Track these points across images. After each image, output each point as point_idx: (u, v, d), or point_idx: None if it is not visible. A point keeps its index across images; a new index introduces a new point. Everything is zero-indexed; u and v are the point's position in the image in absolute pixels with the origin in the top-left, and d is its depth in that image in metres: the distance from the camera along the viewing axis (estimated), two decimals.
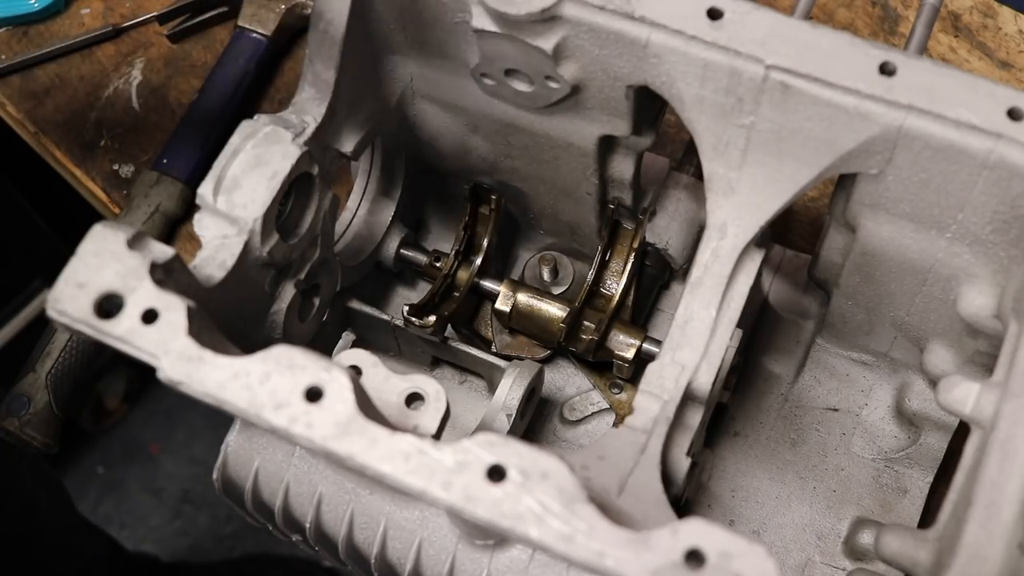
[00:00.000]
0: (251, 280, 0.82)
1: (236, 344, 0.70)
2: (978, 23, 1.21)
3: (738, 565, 0.55)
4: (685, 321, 0.77)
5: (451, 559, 0.80)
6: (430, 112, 0.92)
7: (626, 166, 0.89)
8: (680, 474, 0.77)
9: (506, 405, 0.88)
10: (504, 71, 0.79)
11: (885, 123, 0.69)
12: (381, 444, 0.61)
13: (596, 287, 0.98)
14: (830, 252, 0.89)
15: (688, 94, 0.74)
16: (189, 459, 2.05)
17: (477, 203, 0.99)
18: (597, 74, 0.77)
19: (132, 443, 2.01)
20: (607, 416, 1.01)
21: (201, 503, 1.99)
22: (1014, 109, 0.67)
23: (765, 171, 0.76)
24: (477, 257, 0.99)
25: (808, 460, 0.99)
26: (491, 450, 0.60)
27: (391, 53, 0.86)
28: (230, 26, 1.26)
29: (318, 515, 0.83)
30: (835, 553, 0.96)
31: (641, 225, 0.94)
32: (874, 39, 0.85)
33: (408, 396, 0.71)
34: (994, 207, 0.71)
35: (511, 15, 0.72)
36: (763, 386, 1.02)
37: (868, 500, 0.97)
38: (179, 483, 2.02)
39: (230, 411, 0.64)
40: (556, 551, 0.57)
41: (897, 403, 0.99)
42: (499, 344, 1.02)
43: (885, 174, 0.73)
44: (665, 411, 0.75)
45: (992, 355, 0.81)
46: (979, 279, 0.78)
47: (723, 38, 0.71)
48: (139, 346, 0.65)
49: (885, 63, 0.69)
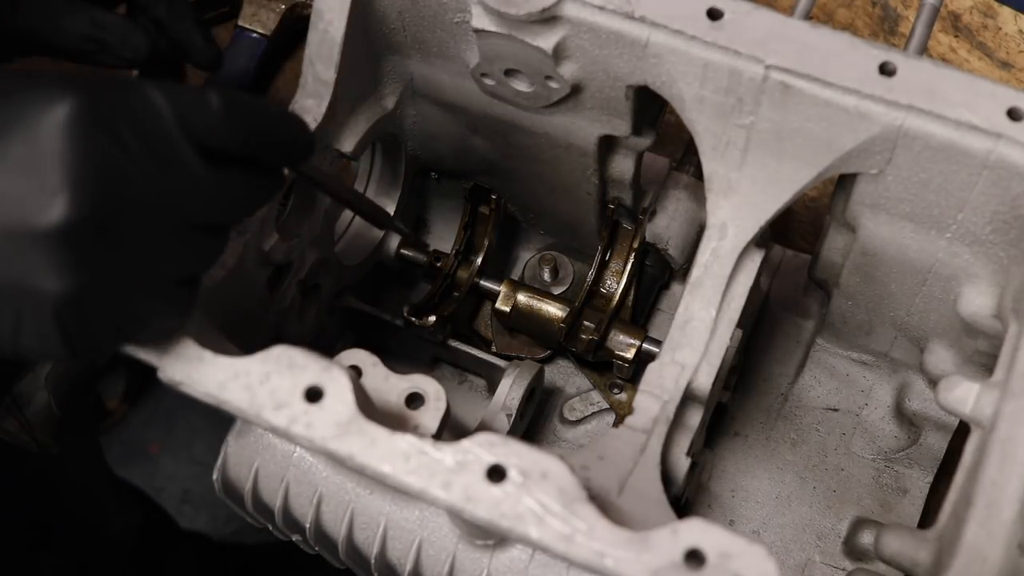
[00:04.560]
0: (251, 280, 0.82)
1: (236, 344, 0.70)
2: (978, 23, 1.21)
3: (738, 565, 0.55)
4: (685, 321, 0.77)
5: (451, 559, 0.80)
6: (430, 112, 0.92)
7: (626, 166, 0.89)
8: (680, 474, 0.77)
9: (506, 405, 0.88)
10: (504, 71, 0.79)
11: (885, 123, 0.69)
12: (381, 444, 0.61)
13: (596, 287, 0.98)
14: (830, 252, 0.89)
15: (688, 94, 0.74)
16: (189, 459, 2.05)
17: (477, 203, 0.99)
18: (597, 74, 0.77)
19: (132, 443, 2.00)
20: (607, 416, 1.01)
21: (201, 503, 1.99)
22: (1014, 109, 0.67)
23: (765, 171, 0.76)
24: (477, 257, 0.99)
25: (808, 460, 0.99)
26: (491, 450, 0.60)
27: (391, 53, 0.86)
28: (230, 26, 1.26)
29: (318, 515, 0.83)
30: (835, 553, 0.96)
31: (641, 225, 0.94)
32: (874, 39, 0.85)
33: (408, 396, 0.71)
34: (994, 207, 0.71)
35: (511, 15, 0.72)
36: (763, 386, 1.02)
37: (868, 500, 0.97)
38: (179, 483, 2.01)
39: (230, 411, 0.64)
40: (556, 551, 0.57)
41: (897, 403, 0.99)
42: (499, 344, 1.02)
43: (885, 174, 0.73)
44: (665, 411, 0.75)
45: (992, 355, 0.81)
46: (979, 279, 0.78)
47: (723, 38, 0.71)
48: (139, 346, 0.65)
49: (885, 63, 0.69)
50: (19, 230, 0.54)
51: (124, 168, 0.56)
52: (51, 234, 0.54)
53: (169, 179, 0.58)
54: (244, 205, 0.65)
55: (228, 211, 0.64)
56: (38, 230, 0.54)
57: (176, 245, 0.60)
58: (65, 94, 0.55)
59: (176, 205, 0.59)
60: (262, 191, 0.66)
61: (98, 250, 0.56)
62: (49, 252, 0.55)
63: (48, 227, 0.54)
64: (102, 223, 0.56)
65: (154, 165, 0.57)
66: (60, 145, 0.54)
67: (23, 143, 0.54)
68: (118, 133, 0.56)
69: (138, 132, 0.57)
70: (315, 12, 0.78)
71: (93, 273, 0.56)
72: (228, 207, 0.63)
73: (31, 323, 0.56)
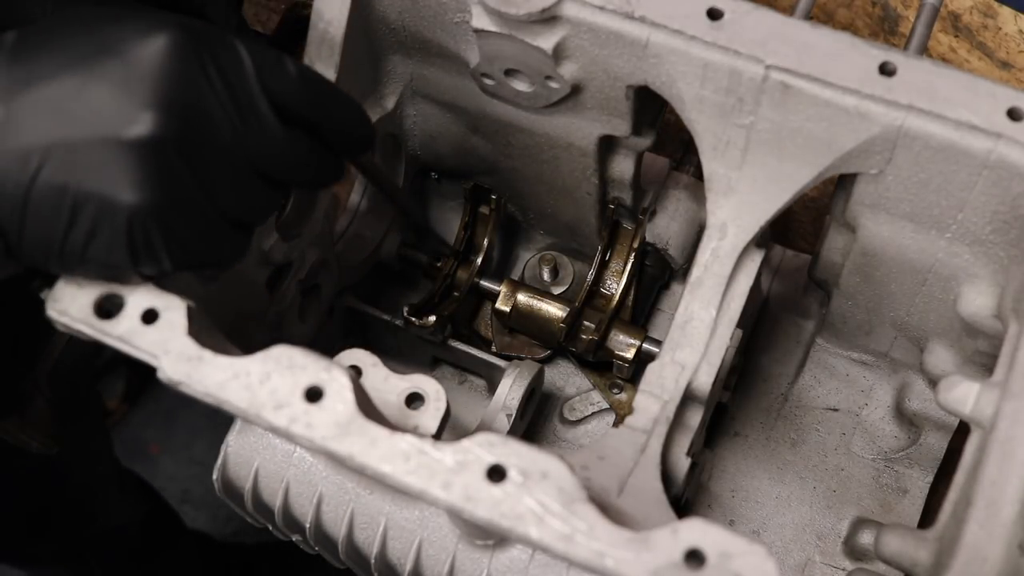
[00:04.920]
0: (251, 280, 0.82)
1: (236, 344, 0.70)
2: (978, 23, 1.21)
3: (738, 565, 0.55)
4: (685, 321, 0.77)
5: (451, 559, 0.80)
6: (430, 112, 0.92)
7: (626, 166, 0.89)
8: (680, 474, 0.77)
9: (506, 405, 0.88)
10: (504, 71, 0.79)
11: (885, 123, 0.69)
12: (381, 444, 0.61)
13: (596, 287, 0.98)
14: (830, 252, 0.89)
15: (688, 94, 0.74)
16: (189, 459, 2.05)
17: (477, 203, 0.99)
18: (597, 74, 0.77)
19: (132, 443, 2.00)
20: (607, 416, 1.01)
21: (201, 503, 1.99)
22: (1014, 109, 0.67)
23: (765, 171, 0.76)
24: (477, 257, 0.99)
25: (808, 460, 0.99)
26: (491, 450, 0.60)
27: (391, 53, 0.86)
28: None
29: (318, 515, 0.83)
30: (835, 553, 0.96)
31: (641, 225, 0.94)
32: (874, 39, 0.85)
33: (408, 396, 0.71)
34: (994, 207, 0.71)
35: (511, 15, 0.72)
36: (763, 386, 1.02)
37: (868, 500, 0.97)
38: (179, 483, 2.01)
39: (230, 411, 0.64)
40: (556, 551, 0.57)
41: (897, 403, 0.99)
42: (499, 344, 1.02)
43: (885, 174, 0.73)
44: (665, 411, 0.75)
45: (992, 355, 0.81)
46: (979, 279, 0.78)
47: (723, 38, 0.71)
48: (139, 346, 0.65)
49: (885, 63, 0.69)
50: (106, 139, 0.59)
51: (208, 101, 0.61)
52: (135, 146, 0.59)
53: (244, 122, 0.63)
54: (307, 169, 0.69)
55: (292, 167, 0.67)
56: (123, 140, 0.59)
57: (240, 185, 0.65)
58: (166, 27, 0.61)
59: (247, 146, 0.64)
60: (325, 165, 0.70)
61: (174, 171, 0.60)
62: (130, 164, 0.59)
63: (133, 139, 0.59)
64: (181, 146, 0.60)
65: (233, 107, 0.63)
66: (156, 69, 0.60)
67: (121, 63, 0.59)
68: (207, 71, 0.61)
69: (223, 74, 0.62)
70: (315, 12, 0.78)
71: (166, 192, 0.60)
72: (292, 162, 0.67)
73: (104, 232, 0.61)
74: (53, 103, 0.59)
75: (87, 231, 0.61)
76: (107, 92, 0.59)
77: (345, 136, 0.71)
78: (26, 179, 0.59)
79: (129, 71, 0.59)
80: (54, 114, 0.59)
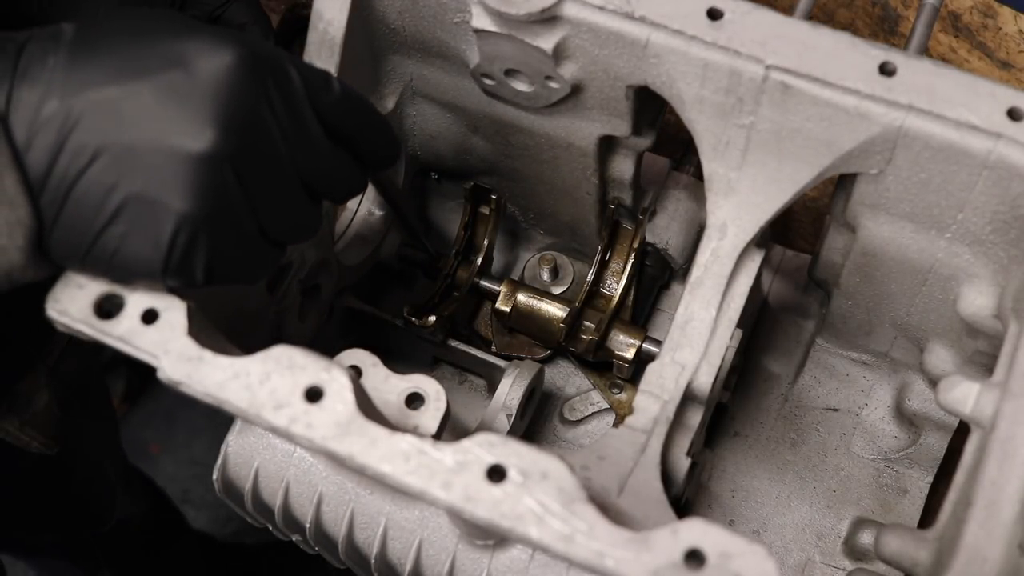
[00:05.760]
0: None
1: (236, 344, 0.70)
2: (978, 23, 1.21)
3: (738, 565, 0.55)
4: (685, 321, 0.77)
5: (451, 559, 0.80)
6: (430, 112, 0.92)
7: (626, 166, 0.89)
8: (680, 474, 0.77)
9: (506, 405, 0.88)
10: (504, 71, 0.79)
11: (885, 123, 0.69)
12: (381, 444, 0.61)
13: (596, 287, 0.98)
14: (830, 252, 0.89)
15: (688, 94, 0.74)
16: (189, 459, 2.05)
17: (477, 203, 0.99)
18: (597, 74, 0.77)
19: (132, 443, 2.00)
20: (607, 416, 1.01)
21: (201, 503, 1.99)
22: (1014, 109, 0.67)
23: (765, 171, 0.76)
24: (477, 257, 0.99)
25: (808, 460, 0.99)
26: (491, 450, 0.60)
27: (391, 53, 0.86)
28: None
29: (318, 515, 0.83)
30: (835, 553, 0.96)
31: (641, 225, 0.94)
32: (874, 39, 0.85)
33: (408, 396, 0.71)
34: (994, 207, 0.71)
35: (511, 15, 0.73)
36: (763, 386, 1.02)
37: (868, 500, 0.97)
38: (179, 483, 2.02)
39: (230, 411, 0.64)
40: (556, 551, 0.57)
41: (897, 403, 0.99)
42: (499, 344, 1.02)
43: (885, 174, 0.73)
44: (665, 411, 0.75)
45: (992, 355, 0.81)
46: (979, 279, 0.78)
47: (723, 38, 0.71)
48: (139, 346, 0.65)
49: (885, 63, 0.69)
50: (164, 148, 0.60)
51: (267, 122, 0.63)
52: (193, 158, 0.60)
53: (297, 140, 0.65)
54: (345, 183, 0.71)
55: (334, 181, 0.70)
56: (182, 152, 0.60)
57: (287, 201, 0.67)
58: (231, 44, 0.62)
59: (297, 163, 0.66)
60: (356, 179, 0.72)
61: (228, 185, 0.62)
62: (186, 174, 0.60)
63: (192, 152, 0.60)
64: (237, 163, 0.62)
65: (289, 126, 0.65)
66: (222, 86, 0.61)
67: (187, 77, 0.61)
68: (268, 91, 0.63)
69: (281, 94, 0.64)
70: (315, 12, 0.78)
71: (217, 204, 0.62)
72: (336, 176, 0.70)
73: (145, 233, 0.61)
74: (114, 105, 0.60)
75: (124, 232, 0.61)
76: (172, 103, 0.60)
77: (376, 152, 0.72)
78: (74, 172, 0.60)
79: (194, 85, 0.61)
80: (114, 116, 0.60)
